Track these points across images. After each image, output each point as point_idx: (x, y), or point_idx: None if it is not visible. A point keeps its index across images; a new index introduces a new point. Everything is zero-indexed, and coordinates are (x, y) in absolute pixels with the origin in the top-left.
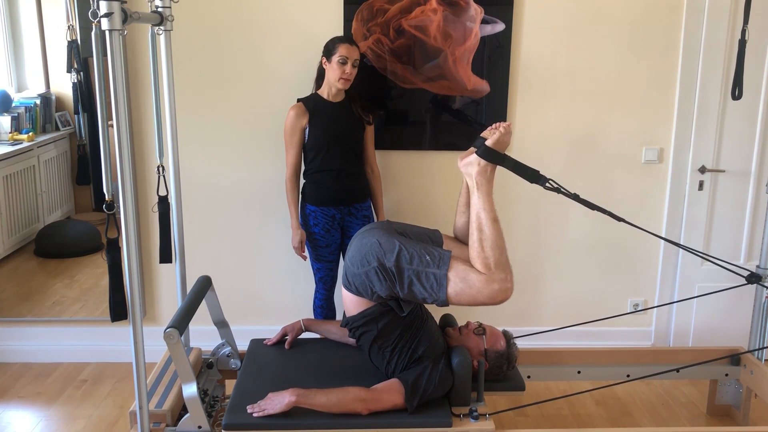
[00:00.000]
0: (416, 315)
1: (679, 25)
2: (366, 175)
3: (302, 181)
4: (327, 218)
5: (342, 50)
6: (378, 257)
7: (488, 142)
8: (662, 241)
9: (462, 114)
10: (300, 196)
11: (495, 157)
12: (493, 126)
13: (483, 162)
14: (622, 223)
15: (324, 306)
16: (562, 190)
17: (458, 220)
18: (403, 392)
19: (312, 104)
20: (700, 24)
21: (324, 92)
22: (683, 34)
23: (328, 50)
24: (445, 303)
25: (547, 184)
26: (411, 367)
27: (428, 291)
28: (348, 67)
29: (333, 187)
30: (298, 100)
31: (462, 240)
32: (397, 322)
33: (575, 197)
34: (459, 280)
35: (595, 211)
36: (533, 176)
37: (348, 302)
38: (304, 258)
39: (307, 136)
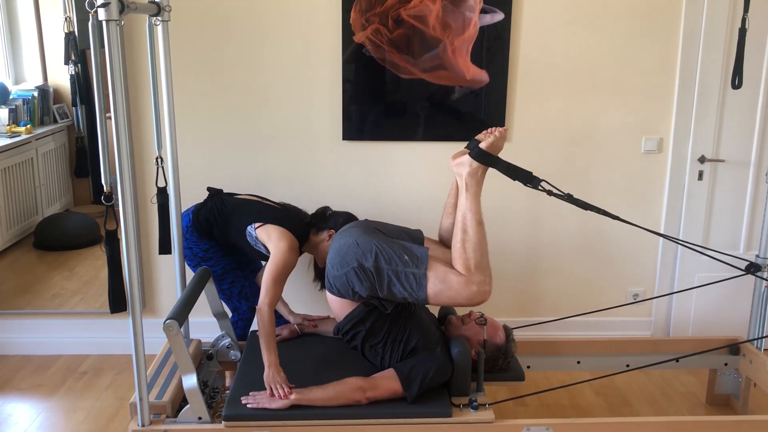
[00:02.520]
0: (403, 308)
1: (678, 13)
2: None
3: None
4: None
5: None
6: (357, 258)
7: (482, 145)
8: (662, 230)
9: (458, 112)
10: (193, 221)
11: (488, 159)
12: (489, 130)
13: (475, 164)
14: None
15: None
16: (555, 191)
17: (444, 221)
18: (399, 379)
19: (299, 249)
20: (700, 12)
21: (310, 244)
22: (683, 23)
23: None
24: (425, 302)
25: (540, 186)
26: (407, 358)
27: (407, 291)
28: None
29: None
30: (291, 230)
31: (445, 242)
32: (383, 319)
33: (569, 198)
34: (438, 281)
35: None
36: (526, 178)
37: (333, 305)
38: (286, 397)
39: (256, 250)
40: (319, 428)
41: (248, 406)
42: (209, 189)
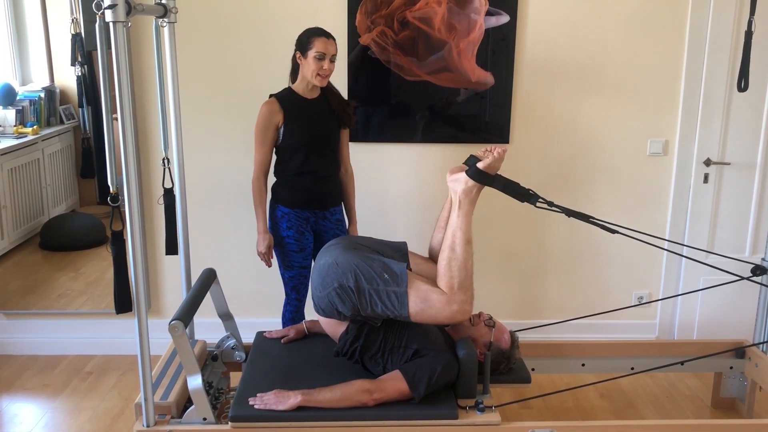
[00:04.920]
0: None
1: (684, 16)
2: (339, 176)
3: (271, 180)
4: (300, 221)
5: (318, 45)
6: (337, 279)
7: (480, 165)
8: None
9: (463, 114)
10: (270, 196)
11: (484, 178)
12: (488, 148)
13: (471, 182)
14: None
15: (294, 319)
16: (552, 207)
17: (436, 235)
18: (405, 379)
19: (286, 101)
20: (706, 15)
21: (299, 88)
22: (689, 26)
23: (302, 44)
24: (407, 319)
25: (538, 203)
26: (410, 361)
27: (390, 309)
28: (326, 63)
29: (309, 190)
30: (271, 96)
31: (434, 257)
32: (376, 331)
33: (567, 212)
34: (420, 301)
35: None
36: (524, 195)
37: (324, 325)
38: (269, 264)
39: (281, 136)
40: (326, 430)
41: (255, 406)
42: None
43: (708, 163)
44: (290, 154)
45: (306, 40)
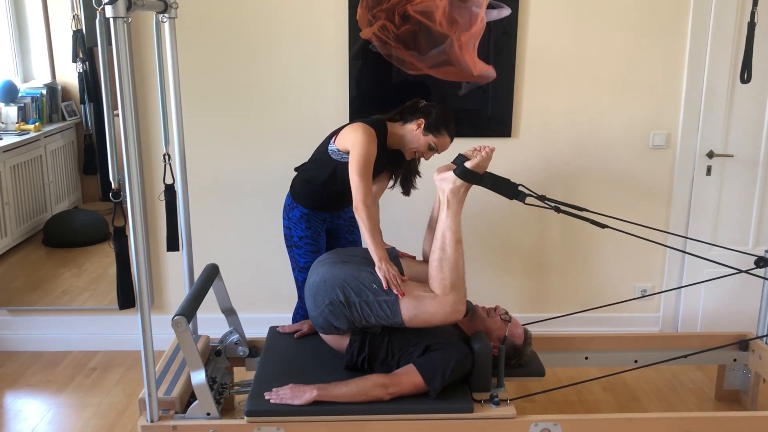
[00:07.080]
0: None
1: (687, 7)
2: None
3: (292, 172)
4: (318, 221)
5: (442, 141)
6: (327, 296)
7: (468, 164)
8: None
9: (465, 108)
10: (289, 193)
11: (473, 177)
12: (477, 147)
13: (459, 181)
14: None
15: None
16: (542, 203)
17: (428, 236)
18: (420, 373)
19: (379, 141)
20: (709, 6)
21: (392, 136)
22: (691, 17)
23: (433, 124)
24: (402, 326)
25: (528, 200)
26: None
27: (383, 318)
28: (430, 155)
29: (332, 200)
30: (369, 126)
31: (427, 257)
32: (380, 337)
33: (557, 207)
34: (412, 306)
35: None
36: (513, 192)
37: (329, 341)
38: (403, 293)
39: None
40: (341, 424)
41: (271, 401)
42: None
43: (711, 155)
44: (342, 181)
45: (439, 126)
